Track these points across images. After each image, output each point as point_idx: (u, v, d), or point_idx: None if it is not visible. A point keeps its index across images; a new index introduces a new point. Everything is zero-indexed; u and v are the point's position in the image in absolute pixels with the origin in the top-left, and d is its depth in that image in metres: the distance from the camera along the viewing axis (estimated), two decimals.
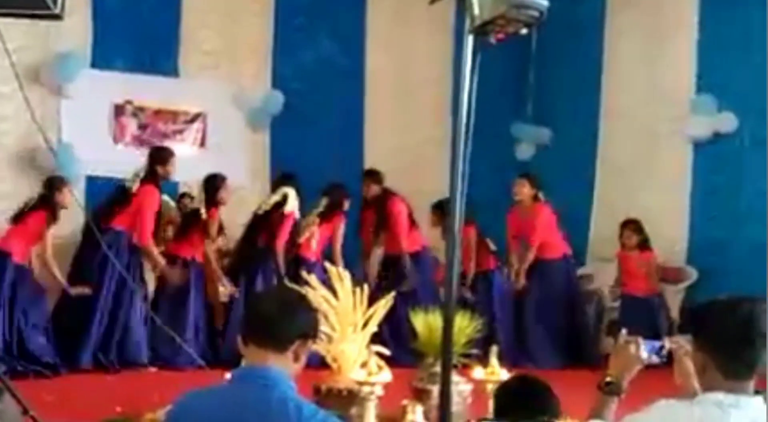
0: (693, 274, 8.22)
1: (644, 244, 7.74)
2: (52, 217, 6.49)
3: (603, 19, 9.20)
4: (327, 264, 5.46)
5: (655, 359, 2.45)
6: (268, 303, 2.18)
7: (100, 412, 5.06)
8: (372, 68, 9.28)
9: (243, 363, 2.17)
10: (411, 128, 9.30)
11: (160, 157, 6.88)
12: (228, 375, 3.26)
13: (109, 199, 6.90)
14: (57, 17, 5.54)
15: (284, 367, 2.10)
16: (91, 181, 7.76)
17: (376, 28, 9.27)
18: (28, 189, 7.03)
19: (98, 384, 5.99)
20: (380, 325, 5.47)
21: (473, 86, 3.94)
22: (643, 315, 7.43)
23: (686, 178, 8.56)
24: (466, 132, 3.98)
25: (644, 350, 2.44)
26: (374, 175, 7.78)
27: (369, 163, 8.82)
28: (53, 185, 6.60)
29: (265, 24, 8.79)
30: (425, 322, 5.65)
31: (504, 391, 2.94)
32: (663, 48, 8.78)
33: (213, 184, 7.15)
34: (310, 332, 2.20)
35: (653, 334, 7.03)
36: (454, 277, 3.94)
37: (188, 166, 7.85)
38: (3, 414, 3.47)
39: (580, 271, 8.91)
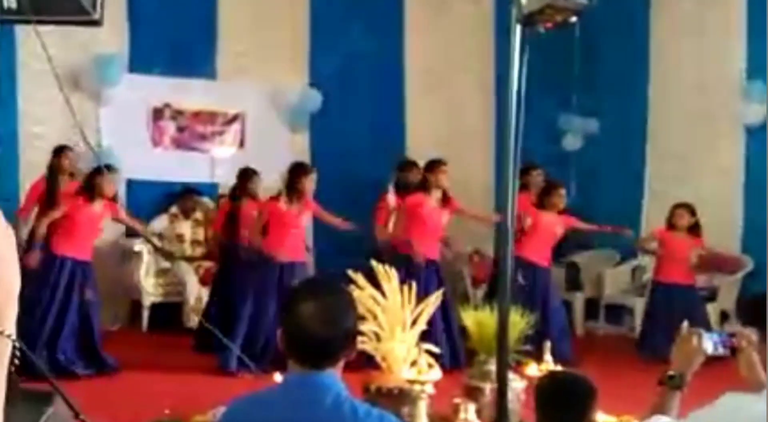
0: (749, 263, 8.00)
1: (695, 229, 7.34)
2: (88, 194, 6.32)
3: (649, 6, 9.03)
4: (374, 263, 5.37)
5: (719, 351, 2.35)
6: (312, 320, 2.00)
7: (147, 414, 5.02)
8: (411, 62, 9.17)
9: (290, 368, 2.07)
10: (452, 121, 9.18)
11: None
12: (278, 379, 3.16)
13: None
14: (96, 23, 5.53)
15: (335, 371, 2.04)
16: (132, 184, 7.75)
17: (414, 21, 9.15)
18: None
19: (140, 386, 5.93)
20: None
21: (522, 77, 3.82)
22: (678, 305, 7.00)
23: (739, 165, 8.38)
24: (516, 124, 3.85)
25: (708, 342, 2.35)
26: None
27: (411, 156, 8.70)
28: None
29: (301, 22, 8.72)
30: (476, 319, 5.53)
31: (543, 389, 2.89)
32: (711, 34, 8.59)
33: (242, 176, 7.23)
34: (356, 333, 2.11)
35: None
36: (509, 271, 3.82)
37: (228, 167, 7.82)
38: (55, 417, 3.42)
39: (633, 263, 8.77)
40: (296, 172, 6.64)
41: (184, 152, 8.25)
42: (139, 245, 7.45)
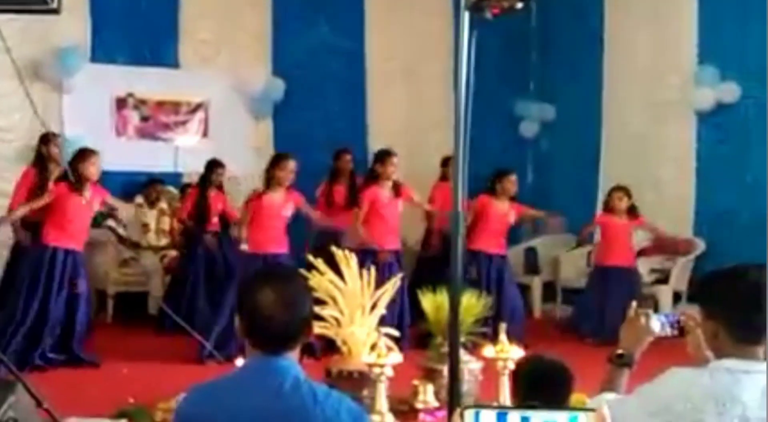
0: (701, 245, 8.21)
1: (633, 210, 7.45)
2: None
3: None
4: (333, 249, 5.48)
5: (667, 331, 2.44)
6: (272, 306, 2.05)
7: (113, 403, 5.07)
8: (372, 51, 9.27)
9: (248, 353, 2.15)
10: (415, 109, 9.30)
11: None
12: (238, 364, 3.26)
13: None
14: (54, 11, 5.53)
15: (293, 355, 2.11)
16: None
17: (375, 10, 9.25)
18: None
19: (106, 376, 6.00)
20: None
21: (471, 63, 3.95)
22: (618, 288, 7.15)
23: (691, 149, 8.54)
24: (466, 112, 3.98)
25: (656, 322, 2.44)
26: None
27: (373, 145, 8.82)
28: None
29: (264, 11, 8.78)
30: (433, 302, 5.68)
31: (526, 373, 2.97)
32: (664, 20, 8.75)
33: (208, 168, 7.35)
34: (312, 318, 2.19)
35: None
36: (459, 255, 3.96)
37: (191, 156, 7.89)
38: (16, 405, 3.50)
39: (588, 248, 8.94)
40: (272, 162, 6.63)
41: (148, 141, 8.29)
42: (103, 235, 7.49)
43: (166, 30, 8.31)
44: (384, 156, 7.02)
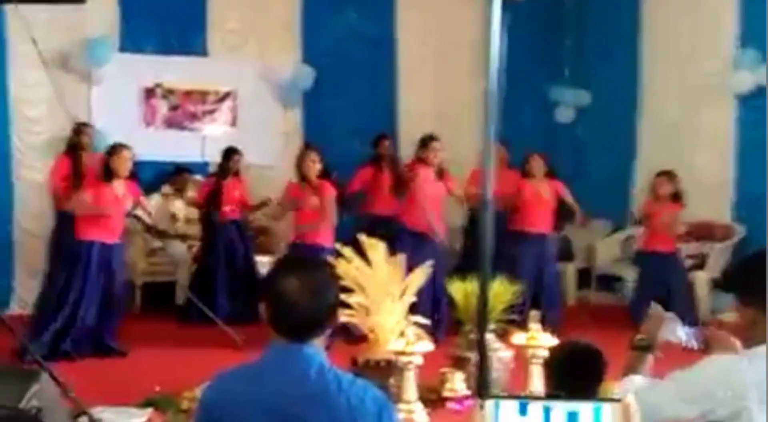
0: (740, 231, 8.03)
1: (677, 196, 7.31)
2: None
3: None
4: (361, 236, 5.40)
5: (693, 344, 2.49)
6: (297, 293, 2.04)
7: (139, 393, 5.09)
8: (403, 37, 9.15)
9: (274, 340, 2.12)
10: (446, 95, 9.17)
11: None
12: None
13: None
14: (80, 1, 5.56)
15: (318, 343, 2.09)
16: None
17: None
18: None
19: (134, 366, 6.01)
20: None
21: (503, 46, 3.85)
22: (662, 274, 7.12)
23: (730, 133, 8.35)
24: (498, 94, 3.86)
25: (682, 332, 2.50)
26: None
27: (404, 133, 8.73)
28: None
29: None
30: (462, 290, 5.59)
31: (559, 360, 2.95)
32: (703, 3, 8.57)
33: (225, 156, 7.42)
34: (338, 306, 2.15)
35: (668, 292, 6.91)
36: (489, 244, 3.88)
37: (220, 145, 7.85)
38: (41, 394, 3.49)
39: (624, 234, 8.81)
40: (298, 155, 6.68)
41: (176, 131, 8.26)
42: (131, 225, 7.49)
43: (194, 19, 8.26)
44: (427, 141, 7.04)
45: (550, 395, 2.23)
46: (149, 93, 8.16)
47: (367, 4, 8.97)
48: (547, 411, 1.64)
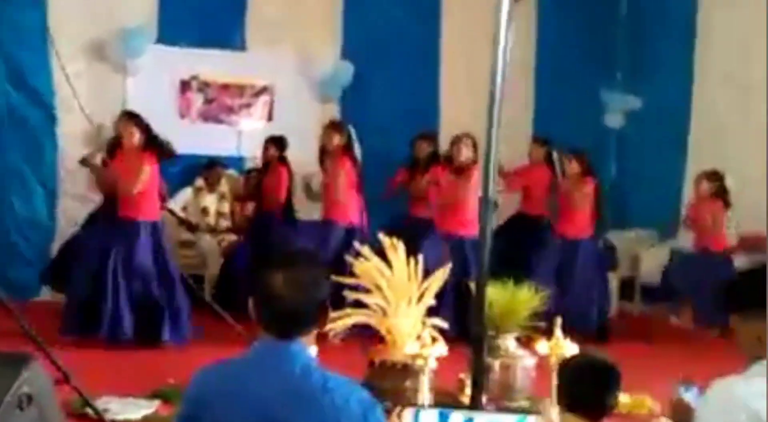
0: None
1: (718, 194, 7.27)
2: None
3: None
4: (381, 236, 5.26)
5: None
6: (282, 289, 2.01)
7: (151, 384, 5.03)
8: (448, 34, 8.94)
9: (261, 336, 2.07)
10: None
11: None
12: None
13: None
14: None
15: (305, 341, 2.06)
16: None
17: None
18: None
19: (153, 358, 5.94)
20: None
21: (509, 38, 3.67)
22: (703, 272, 7.04)
23: None
24: (493, 92, 3.68)
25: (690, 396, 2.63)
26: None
27: (445, 132, 8.52)
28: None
29: None
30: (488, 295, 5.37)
31: (567, 372, 2.95)
32: (761, 7, 8.18)
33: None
34: (327, 305, 2.09)
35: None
36: (488, 245, 3.71)
37: (255, 140, 7.77)
38: (31, 381, 3.39)
39: (671, 244, 8.48)
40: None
41: (211, 124, 8.20)
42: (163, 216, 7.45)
43: (233, 11, 8.18)
44: (454, 138, 7.04)
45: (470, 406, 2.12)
46: (185, 85, 8.12)
47: (412, 1, 8.80)
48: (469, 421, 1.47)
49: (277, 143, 7.42)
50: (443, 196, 6.90)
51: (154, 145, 6.16)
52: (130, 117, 6.24)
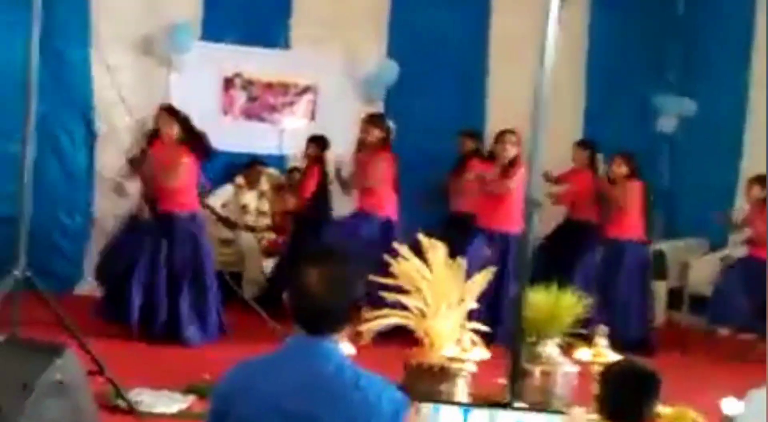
0: None
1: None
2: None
3: None
4: (420, 236, 5.16)
5: None
6: (314, 287, 2.00)
7: (187, 379, 5.00)
8: (497, 35, 8.79)
9: (295, 332, 2.06)
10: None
11: None
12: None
13: None
14: None
15: (337, 338, 2.06)
16: None
17: None
18: None
19: (190, 354, 5.91)
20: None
21: (556, 42, 3.55)
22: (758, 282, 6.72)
23: None
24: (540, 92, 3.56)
25: None
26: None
27: (491, 133, 8.38)
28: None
29: None
30: (531, 298, 5.24)
31: (608, 378, 2.90)
32: None
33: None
34: (363, 298, 2.07)
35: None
36: (529, 249, 3.60)
37: (297, 139, 7.70)
38: (64, 369, 3.38)
39: (722, 253, 8.24)
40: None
41: (254, 122, 8.15)
42: (203, 214, 7.42)
43: (277, 9, 8.13)
44: (498, 135, 6.98)
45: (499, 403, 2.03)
46: (228, 82, 8.09)
47: (460, 1, 8.68)
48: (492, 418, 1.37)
49: (317, 142, 7.35)
50: (487, 190, 6.83)
51: (193, 139, 6.12)
52: (170, 111, 6.23)
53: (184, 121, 6.14)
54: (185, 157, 6.10)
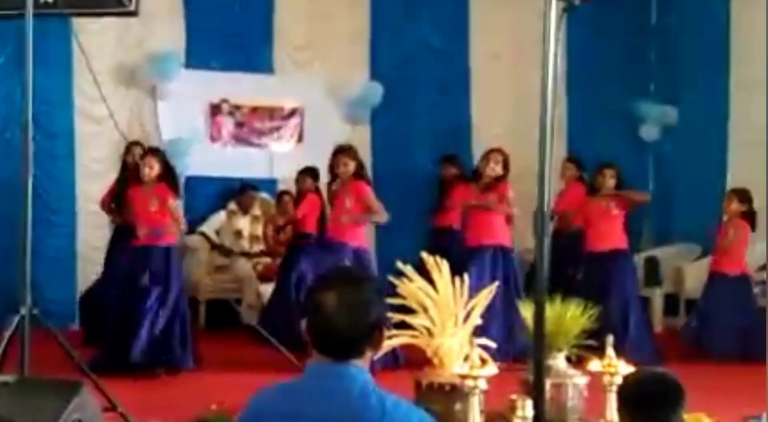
0: None
1: (746, 215, 6.91)
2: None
3: None
4: (424, 255, 5.14)
5: None
6: (335, 313, 1.96)
7: (193, 411, 4.90)
8: (476, 52, 8.88)
9: (316, 358, 2.01)
10: (522, 111, 8.81)
11: None
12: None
13: None
14: (132, 14, 5.48)
15: (361, 362, 2.00)
16: (189, 181, 7.67)
17: (479, 9, 8.85)
18: None
19: (193, 384, 5.84)
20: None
21: (557, 56, 3.56)
22: (731, 298, 6.82)
23: None
24: (551, 109, 3.57)
25: None
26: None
27: (477, 151, 8.41)
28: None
29: (362, 13, 8.56)
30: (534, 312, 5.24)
31: (630, 389, 2.78)
32: None
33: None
34: (384, 322, 2.02)
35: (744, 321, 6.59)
36: (545, 263, 3.57)
37: (286, 162, 7.69)
38: (82, 407, 3.34)
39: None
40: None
41: (243, 147, 8.17)
42: (196, 242, 7.38)
43: (260, 35, 8.19)
44: (485, 154, 6.96)
45: None
46: (215, 109, 8.10)
47: (438, 19, 8.76)
48: None
49: (309, 173, 7.30)
50: (471, 209, 6.83)
51: (171, 176, 6.12)
52: (153, 152, 6.23)
53: (164, 160, 6.12)
54: (170, 196, 6.10)
